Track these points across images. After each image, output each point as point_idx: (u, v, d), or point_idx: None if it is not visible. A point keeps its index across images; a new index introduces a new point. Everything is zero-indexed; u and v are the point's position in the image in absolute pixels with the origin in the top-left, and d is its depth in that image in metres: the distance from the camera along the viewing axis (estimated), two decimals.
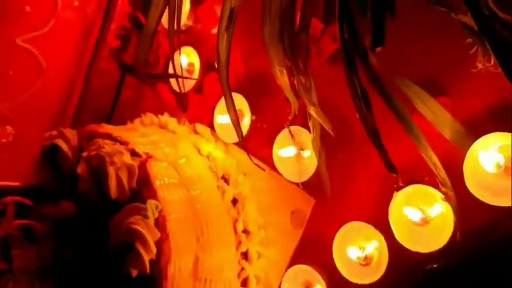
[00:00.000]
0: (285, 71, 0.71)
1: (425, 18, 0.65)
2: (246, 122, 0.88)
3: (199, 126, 0.95)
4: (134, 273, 0.72)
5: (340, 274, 0.75)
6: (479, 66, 0.63)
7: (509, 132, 0.61)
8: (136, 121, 1.01)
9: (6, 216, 0.81)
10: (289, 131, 0.80)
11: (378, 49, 0.60)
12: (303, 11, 0.67)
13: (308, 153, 0.81)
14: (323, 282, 0.78)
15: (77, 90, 1.09)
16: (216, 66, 0.61)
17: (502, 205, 0.61)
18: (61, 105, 1.10)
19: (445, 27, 0.62)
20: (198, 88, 0.96)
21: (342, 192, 0.77)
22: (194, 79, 0.92)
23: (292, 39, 0.66)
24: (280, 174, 0.84)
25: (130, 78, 1.10)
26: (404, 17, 0.61)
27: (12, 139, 1.09)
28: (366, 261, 0.73)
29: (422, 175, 0.67)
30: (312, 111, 0.70)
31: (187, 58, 0.95)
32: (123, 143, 0.82)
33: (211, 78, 0.94)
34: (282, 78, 0.73)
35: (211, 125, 0.95)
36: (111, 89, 1.12)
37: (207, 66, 0.96)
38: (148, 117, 1.00)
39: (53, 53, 1.04)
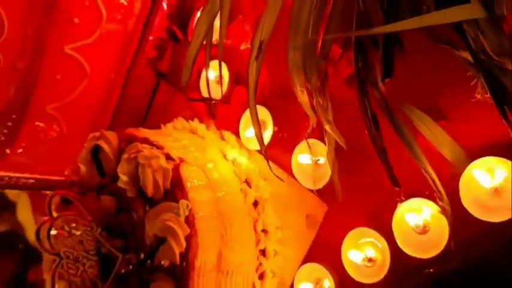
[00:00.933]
0: (305, 91, 0.80)
1: (431, 52, 0.72)
2: (268, 132, 0.97)
3: (226, 133, 1.04)
4: (166, 263, 0.82)
5: (347, 273, 0.84)
6: (478, 96, 0.70)
7: (501, 156, 0.69)
8: (169, 125, 1.10)
9: (54, 208, 0.92)
10: (307, 143, 0.89)
11: (387, 79, 0.69)
12: (324, 41, 0.76)
13: (323, 163, 0.89)
14: (332, 279, 0.87)
15: (116, 93, 1.19)
16: (247, 90, 0.70)
17: (491, 221, 0.69)
18: (102, 106, 1.20)
19: (449, 61, 0.70)
20: (227, 98, 1.05)
21: (352, 200, 0.86)
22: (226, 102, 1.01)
23: (313, 66, 0.74)
24: (297, 181, 0.93)
25: (164, 85, 1.20)
26: (412, 50, 0.70)
27: (56, 135, 1.20)
28: (370, 263, 0.82)
29: (423, 189, 0.76)
30: (327, 128, 0.79)
31: (217, 71, 1.04)
32: (159, 147, 0.91)
33: (239, 91, 1.03)
34: (303, 97, 0.81)
35: (236, 133, 1.04)
36: (147, 94, 1.22)
37: (235, 79, 1.05)
38: (180, 122, 1.10)
39: (97, 60, 1.14)
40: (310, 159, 0.90)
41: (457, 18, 0.58)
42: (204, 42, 0.79)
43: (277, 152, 0.98)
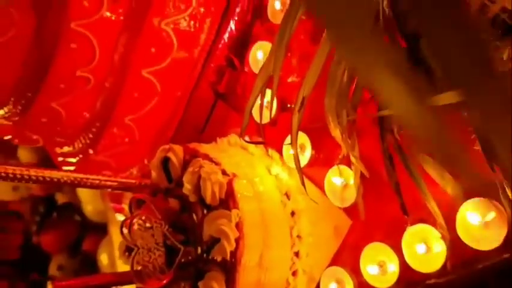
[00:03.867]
0: (338, 128, 0.99)
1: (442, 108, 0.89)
2: (307, 155, 1.16)
3: (271, 152, 1.24)
4: (219, 258, 1.03)
5: (364, 278, 1.03)
6: (477, 148, 0.87)
7: (491, 197, 0.85)
8: (224, 140, 1.32)
9: (133, 207, 1.16)
10: (338, 168, 1.08)
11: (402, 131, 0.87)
12: (355, 92, 0.94)
13: (350, 186, 1.08)
14: (351, 281, 1.06)
15: (181, 109, 1.40)
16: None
17: (481, 249, 0.86)
18: (168, 119, 1.42)
19: (455, 116, 0.86)
20: (274, 122, 1.25)
21: (372, 220, 1.04)
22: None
23: (344, 113, 0.93)
24: (328, 198, 1.12)
25: (221, 104, 1.41)
26: None
27: (129, 141, 1.44)
28: (383, 272, 1.00)
29: (428, 218, 0.93)
30: (354, 161, 0.98)
31: (266, 98, 1.24)
32: (217, 164, 1.12)
33: (284, 117, 1.23)
34: (335, 132, 1.00)
35: (280, 151, 1.24)
36: (206, 111, 1.43)
37: (282, 106, 1.24)
38: (234, 138, 1.31)
39: (167, 82, 1.35)
40: (340, 182, 1.09)
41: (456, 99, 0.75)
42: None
43: (314, 171, 1.17)
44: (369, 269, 1.02)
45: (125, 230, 1.10)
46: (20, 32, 1.18)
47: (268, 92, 1.12)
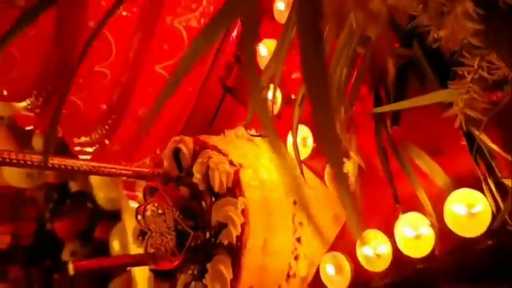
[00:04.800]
0: (337, 123, 1.06)
1: (431, 106, 0.95)
2: (308, 147, 1.24)
3: None
4: (225, 242, 1.11)
5: (359, 262, 1.11)
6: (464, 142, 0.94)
7: (476, 188, 0.92)
8: (232, 132, 1.39)
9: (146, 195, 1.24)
10: None
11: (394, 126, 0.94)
12: (353, 89, 1.01)
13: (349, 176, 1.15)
14: (348, 265, 1.14)
15: (191, 103, 1.48)
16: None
17: (466, 236, 0.93)
18: (179, 112, 1.49)
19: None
20: (279, 115, 1.32)
21: (368, 208, 1.12)
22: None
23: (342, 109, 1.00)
24: (328, 188, 1.19)
25: (229, 98, 1.49)
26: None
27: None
28: (377, 256, 1.08)
29: (419, 206, 1.00)
30: (351, 154, 1.05)
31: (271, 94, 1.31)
32: (225, 154, 1.20)
33: (289, 111, 1.30)
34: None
35: (285, 143, 1.31)
36: (215, 104, 1.50)
37: (286, 101, 1.32)
38: (241, 130, 1.38)
39: None
40: None
41: (443, 99, 0.82)
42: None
43: (316, 162, 1.24)
44: (365, 254, 1.09)
45: (139, 216, 1.19)
46: (42, 30, 1.26)
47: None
